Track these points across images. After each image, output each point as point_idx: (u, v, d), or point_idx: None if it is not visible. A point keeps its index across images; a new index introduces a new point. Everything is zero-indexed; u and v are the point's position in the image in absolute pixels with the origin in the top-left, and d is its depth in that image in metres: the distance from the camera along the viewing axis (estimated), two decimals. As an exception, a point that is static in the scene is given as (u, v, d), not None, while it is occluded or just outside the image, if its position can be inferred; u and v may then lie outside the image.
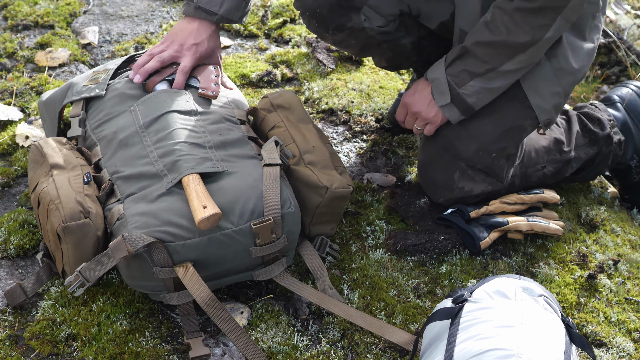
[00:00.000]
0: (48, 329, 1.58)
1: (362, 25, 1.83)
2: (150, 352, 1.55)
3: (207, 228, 1.53)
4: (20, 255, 1.76)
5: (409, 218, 1.94)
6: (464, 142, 1.85)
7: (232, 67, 2.45)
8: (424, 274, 1.82)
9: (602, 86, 2.93)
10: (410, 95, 1.89)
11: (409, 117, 1.92)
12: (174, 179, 1.61)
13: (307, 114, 1.89)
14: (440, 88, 1.81)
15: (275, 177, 1.63)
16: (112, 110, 1.81)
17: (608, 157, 2.09)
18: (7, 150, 2.05)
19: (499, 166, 1.88)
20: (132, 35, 2.61)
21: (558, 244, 1.95)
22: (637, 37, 3.25)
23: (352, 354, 1.61)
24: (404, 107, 1.92)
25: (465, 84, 1.78)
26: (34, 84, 2.29)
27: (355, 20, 1.83)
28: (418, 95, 1.87)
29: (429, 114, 1.85)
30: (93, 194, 1.65)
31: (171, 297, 1.58)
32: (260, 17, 2.74)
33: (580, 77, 1.87)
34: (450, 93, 1.79)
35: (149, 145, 1.69)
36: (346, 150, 2.19)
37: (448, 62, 1.80)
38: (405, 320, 1.69)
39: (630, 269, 1.91)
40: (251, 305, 1.68)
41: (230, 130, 1.76)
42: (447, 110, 1.82)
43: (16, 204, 1.91)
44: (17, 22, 2.59)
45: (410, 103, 1.89)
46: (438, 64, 1.83)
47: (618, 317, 1.77)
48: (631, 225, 2.10)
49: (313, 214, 1.73)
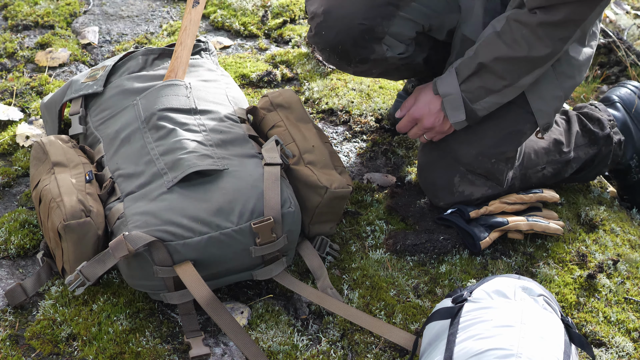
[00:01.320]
0: (48, 329, 1.58)
1: (385, 55, 1.81)
2: (151, 351, 1.55)
3: None
4: (20, 255, 1.76)
5: (409, 218, 1.94)
6: (464, 147, 1.85)
7: (232, 67, 2.45)
8: (423, 273, 1.82)
9: (601, 86, 2.93)
10: (419, 109, 1.84)
11: (416, 130, 1.87)
12: (174, 177, 1.62)
13: (307, 113, 1.89)
14: (454, 104, 1.78)
15: (276, 177, 1.63)
16: (113, 107, 1.81)
17: (608, 157, 2.09)
18: (7, 150, 2.06)
19: (498, 170, 1.88)
20: (132, 35, 2.62)
21: (557, 244, 1.95)
22: (637, 37, 3.25)
23: (352, 354, 1.61)
24: (412, 120, 1.87)
25: (479, 100, 1.76)
26: (34, 84, 2.29)
27: (378, 51, 1.80)
28: (428, 110, 1.83)
29: (443, 128, 1.83)
30: (95, 193, 1.65)
31: (171, 297, 1.58)
32: (260, 17, 2.74)
33: (579, 81, 1.87)
34: (464, 109, 1.78)
35: (150, 142, 1.70)
36: (346, 150, 2.19)
37: (462, 78, 1.76)
38: (405, 320, 1.69)
39: (630, 268, 1.92)
40: (251, 305, 1.68)
41: (231, 129, 1.76)
42: (458, 125, 1.82)
43: (17, 203, 1.91)
44: (18, 22, 2.59)
45: (420, 118, 1.84)
46: (448, 77, 1.78)
47: (617, 316, 1.77)
48: (630, 225, 2.10)
49: (313, 214, 1.73)
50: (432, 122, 1.83)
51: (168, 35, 2.62)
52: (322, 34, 1.79)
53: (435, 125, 1.83)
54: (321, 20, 1.78)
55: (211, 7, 2.79)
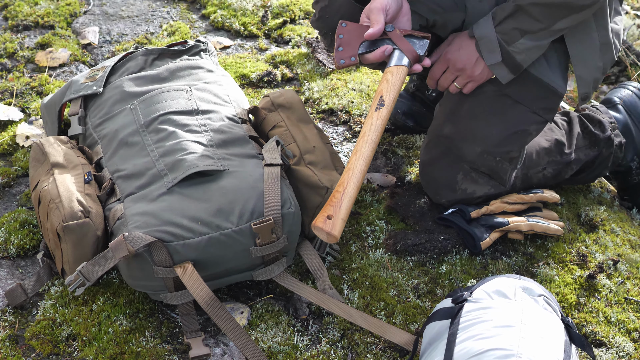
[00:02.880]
0: (48, 329, 1.58)
1: None
2: (151, 351, 1.55)
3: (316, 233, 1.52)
4: (20, 255, 1.76)
5: (409, 218, 1.94)
6: (469, 144, 1.85)
7: (232, 67, 2.45)
8: (423, 274, 1.82)
9: (602, 86, 2.93)
10: (454, 51, 1.82)
11: (448, 74, 1.85)
12: (174, 178, 1.62)
13: (308, 113, 1.89)
14: (490, 46, 1.76)
15: (276, 177, 1.63)
16: (112, 108, 1.81)
17: (608, 159, 2.09)
18: (7, 150, 2.06)
19: (502, 169, 1.87)
20: (133, 35, 2.62)
21: (558, 244, 1.95)
22: (637, 37, 3.25)
23: (352, 354, 1.61)
24: (445, 63, 1.84)
25: (515, 42, 1.74)
26: (35, 84, 2.29)
27: None
28: (463, 52, 1.81)
29: (475, 72, 1.80)
30: (94, 193, 1.65)
31: (171, 297, 1.58)
32: (260, 18, 2.74)
33: (615, 56, 1.87)
34: (500, 51, 1.75)
35: (150, 144, 1.70)
36: (346, 150, 2.19)
37: (498, 21, 1.75)
38: (405, 320, 1.69)
39: (630, 268, 1.91)
40: (251, 305, 1.68)
41: (232, 129, 1.76)
42: (496, 68, 1.78)
43: (16, 204, 1.91)
44: (18, 23, 2.59)
45: (454, 59, 1.82)
46: (485, 21, 1.77)
47: (617, 317, 1.77)
48: (631, 225, 2.10)
49: (313, 214, 1.73)
50: (464, 63, 1.80)
51: (168, 35, 2.62)
52: (326, 17, 1.80)
53: (466, 67, 1.80)
54: (326, 4, 1.79)
55: (211, 7, 2.79)
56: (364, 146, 1.59)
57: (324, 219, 1.51)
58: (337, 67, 1.70)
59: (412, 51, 1.66)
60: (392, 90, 1.63)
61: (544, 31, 1.73)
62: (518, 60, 1.76)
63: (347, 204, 1.53)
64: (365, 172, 1.59)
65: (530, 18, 1.71)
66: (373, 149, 1.60)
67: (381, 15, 1.65)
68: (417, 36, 1.70)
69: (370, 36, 1.64)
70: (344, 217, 1.52)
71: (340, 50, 1.69)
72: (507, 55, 1.75)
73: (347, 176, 1.56)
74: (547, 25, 1.72)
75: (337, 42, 1.70)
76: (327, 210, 1.52)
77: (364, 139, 1.60)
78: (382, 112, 1.62)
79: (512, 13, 1.73)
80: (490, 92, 1.83)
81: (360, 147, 1.59)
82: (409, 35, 1.69)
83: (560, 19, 1.71)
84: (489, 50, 1.76)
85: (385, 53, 1.65)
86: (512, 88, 1.82)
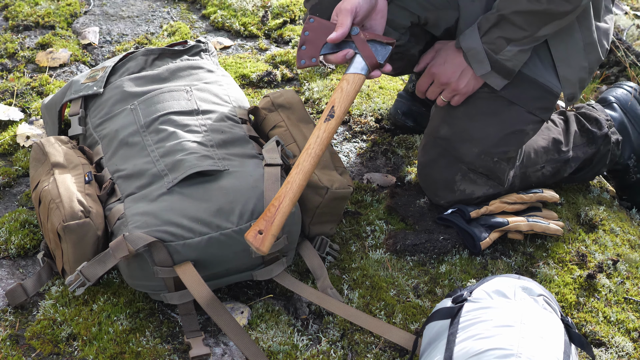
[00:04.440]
0: (49, 329, 1.58)
1: None
2: (151, 351, 1.55)
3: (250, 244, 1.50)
4: (21, 255, 1.77)
5: (409, 218, 1.94)
6: (466, 145, 1.85)
7: (232, 67, 2.45)
8: (423, 273, 1.82)
9: (601, 86, 2.93)
10: (439, 65, 1.84)
11: (434, 88, 1.87)
12: (174, 178, 1.62)
13: (308, 113, 1.89)
14: (478, 57, 1.77)
15: (276, 177, 1.64)
16: (113, 108, 1.81)
17: (606, 156, 2.10)
18: (8, 151, 2.06)
19: (500, 169, 1.88)
20: (133, 35, 2.62)
21: (557, 244, 1.95)
22: (636, 38, 3.25)
23: (352, 354, 1.61)
24: (430, 77, 1.86)
25: (502, 50, 1.75)
26: (35, 85, 2.30)
27: None
28: (448, 66, 1.82)
29: (459, 85, 1.81)
30: (94, 193, 1.65)
31: (171, 297, 1.59)
32: (260, 18, 2.75)
33: (603, 56, 1.87)
34: (489, 61, 1.77)
35: (150, 144, 1.70)
36: (346, 150, 2.19)
37: (483, 31, 1.76)
38: (405, 320, 1.69)
39: (629, 268, 1.92)
40: (251, 305, 1.68)
41: (232, 129, 1.77)
42: (487, 77, 1.80)
43: (17, 203, 1.91)
44: (18, 23, 2.59)
45: (438, 73, 1.83)
46: (470, 33, 1.79)
47: (617, 316, 1.77)
48: (630, 225, 2.10)
49: (313, 214, 1.73)
50: (448, 77, 1.81)
51: (168, 35, 2.62)
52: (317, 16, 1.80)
53: (450, 82, 1.81)
54: (316, 3, 1.80)
55: (211, 7, 2.80)
56: (306, 159, 1.53)
57: (255, 233, 1.49)
58: (297, 67, 1.67)
59: (371, 57, 1.63)
60: (345, 100, 1.59)
61: (528, 38, 1.75)
62: (509, 67, 1.78)
63: (280, 219, 1.49)
64: (304, 187, 1.53)
65: (514, 26, 1.73)
66: (315, 163, 1.53)
67: (348, 18, 1.63)
68: (381, 42, 1.66)
69: (332, 40, 1.63)
70: (274, 232, 1.49)
71: (303, 49, 1.65)
72: (497, 63, 1.77)
73: (284, 190, 1.51)
74: (531, 32, 1.74)
75: (302, 39, 1.66)
76: (260, 225, 1.49)
77: (308, 152, 1.54)
78: (331, 124, 1.57)
79: (496, 23, 1.75)
80: (485, 93, 1.84)
81: (303, 160, 1.54)
82: (373, 40, 1.66)
83: (544, 25, 1.73)
84: (477, 61, 1.78)
85: (346, 57, 1.64)
86: (507, 89, 1.82)
